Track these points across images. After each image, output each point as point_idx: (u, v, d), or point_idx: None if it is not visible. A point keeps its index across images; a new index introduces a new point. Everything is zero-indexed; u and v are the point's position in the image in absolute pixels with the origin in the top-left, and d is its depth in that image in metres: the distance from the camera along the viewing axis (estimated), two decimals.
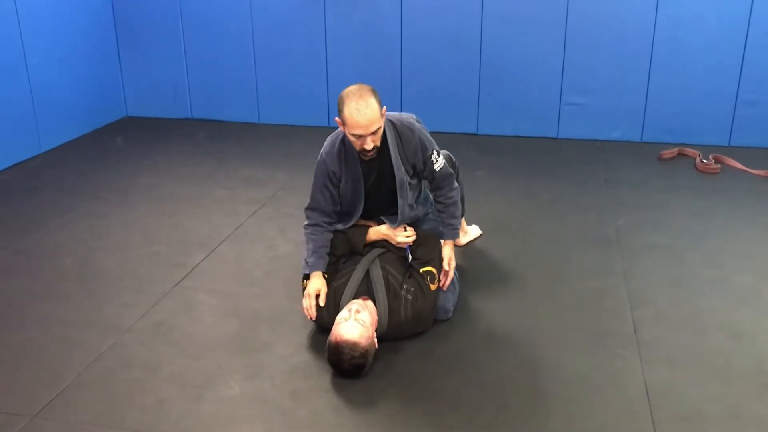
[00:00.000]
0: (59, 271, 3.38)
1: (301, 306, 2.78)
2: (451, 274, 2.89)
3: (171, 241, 3.69)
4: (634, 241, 3.61)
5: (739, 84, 4.97)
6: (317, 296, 2.73)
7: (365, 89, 2.57)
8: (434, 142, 2.87)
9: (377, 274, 2.75)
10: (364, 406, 2.40)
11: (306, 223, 2.86)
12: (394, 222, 2.87)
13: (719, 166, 4.62)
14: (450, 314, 2.89)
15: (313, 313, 2.73)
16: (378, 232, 2.91)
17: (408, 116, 2.82)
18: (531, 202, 4.15)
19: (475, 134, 5.46)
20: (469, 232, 3.61)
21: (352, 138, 2.62)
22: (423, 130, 2.81)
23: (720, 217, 3.91)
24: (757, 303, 3.02)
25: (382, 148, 2.72)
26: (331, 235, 2.86)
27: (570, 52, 5.14)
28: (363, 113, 2.51)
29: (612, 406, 2.38)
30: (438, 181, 2.86)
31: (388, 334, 2.69)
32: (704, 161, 4.66)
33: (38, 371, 2.60)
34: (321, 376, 2.55)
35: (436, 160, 2.81)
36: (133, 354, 2.71)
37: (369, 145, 2.58)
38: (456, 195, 2.92)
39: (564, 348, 2.72)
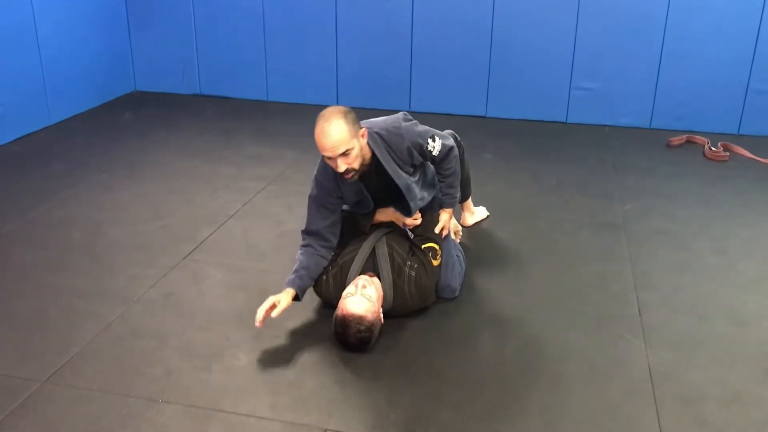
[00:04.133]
0: (68, 243, 3.40)
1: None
2: (445, 232, 2.89)
3: (179, 215, 3.71)
4: (640, 226, 3.62)
5: (750, 72, 4.95)
6: (273, 307, 2.58)
7: (335, 111, 2.52)
8: (428, 129, 2.77)
9: (383, 251, 2.77)
10: (369, 381, 2.43)
11: (300, 244, 2.81)
12: (407, 214, 2.85)
13: (728, 154, 4.62)
14: (456, 293, 2.92)
15: (259, 318, 2.55)
16: (386, 213, 2.92)
17: (394, 120, 2.72)
18: (538, 186, 4.16)
19: (483, 117, 5.45)
20: (476, 213, 3.62)
21: (326, 160, 2.60)
22: (412, 126, 2.73)
23: (727, 204, 3.91)
24: (762, 290, 3.03)
25: (376, 162, 2.68)
26: (322, 260, 2.75)
27: (581, 36, 5.12)
28: (327, 135, 2.48)
29: (615, 388, 2.40)
30: (437, 160, 2.82)
31: (393, 310, 2.72)
32: (713, 149, 4.65)
33: (48, 339, 2.64)
34: (327, 350, 2.58)
35: (434, 148, 2.74)
36: (141, 324, 2.74)
37: (340, 167, 2.52)
38: (455, 165, 2.87)
39: (568, 329, 2.74)
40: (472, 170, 3.39)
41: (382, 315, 2.63)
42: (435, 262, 2.79)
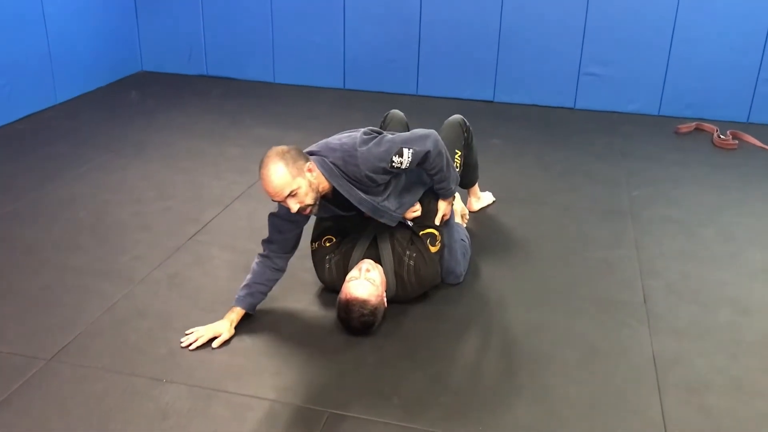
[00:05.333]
0: (74, 222, 3.40)
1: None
2: (446, 218, 2.81)
3: (184, 196, 3.71)
4: (647, 213, 3.60)
5: (761, 60, 4.90)
6: (213, 338, 2.51)
7: (273, 155, 2.42)
8: (393, 144, 2.53)
9: (384, 239, 2.74)
10: (373, 365, 2.43)
11: (259, 253, 2.72)
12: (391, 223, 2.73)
13: (736, 142, 4.58)
14: (461, 279, 2.91)
15: (190, 341, 2.50)
16: None
17: (351, 144, 2.52)
18: (545, 172, 4.14)
19: (491, 101, 5.42)
20: (483, 199, 3.61)
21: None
22: (372, 149, 2.52)
23: (734, 192, 3.89)
24: None
25: (336, 193, 2.58)
26: (278, 273, 2.69)
27: (590, 21, 5.07)
28: (268, 181, 2.41)
29: (619, 374, 2.40)
30: (416, 166, 2.65)
31: (396, 296, 2.71)
32: (721, 137, 4.62)
33: (53, 317, 2.65)
34: (330, 333, 2.58)
35: (402, 162, 2.54)
36: (146, 304, 2.74)
37: (293, 208, 2.45)
38: (438, 163, 2.68)
39: (573, 316, 2.73)
40: (479, 155, 3.37)
41: (385, 299, 2.63)
42: (434, 249, 2.75)
